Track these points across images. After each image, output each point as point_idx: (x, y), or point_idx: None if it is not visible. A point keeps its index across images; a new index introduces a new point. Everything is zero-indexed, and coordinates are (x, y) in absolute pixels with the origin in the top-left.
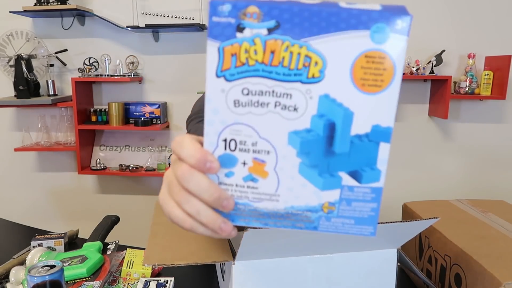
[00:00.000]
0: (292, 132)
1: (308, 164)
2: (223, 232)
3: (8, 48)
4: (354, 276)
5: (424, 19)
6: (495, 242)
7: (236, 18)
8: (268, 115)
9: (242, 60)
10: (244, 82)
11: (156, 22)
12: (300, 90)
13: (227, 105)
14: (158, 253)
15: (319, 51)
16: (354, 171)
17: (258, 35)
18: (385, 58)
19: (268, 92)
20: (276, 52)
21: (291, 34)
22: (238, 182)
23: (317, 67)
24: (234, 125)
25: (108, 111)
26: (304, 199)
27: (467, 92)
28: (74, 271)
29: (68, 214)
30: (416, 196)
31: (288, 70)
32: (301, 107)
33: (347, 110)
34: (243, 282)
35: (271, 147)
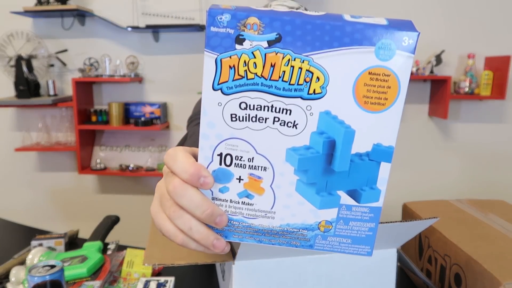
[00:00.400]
0: (290, 149)
1: (306, 182)
2: (215, 249)
3: (8, 48)
4: (354, 276)
5: (424, 19)
6: (495, 242)
7: (235, 29)
8: (266, 131)
9: (240, 73)
10: (242, 96)
11: (156, 22)
12: (300, 106)
13: (223, 119)
14: (158, 253)
15: (322, 66)
16: (353, 190)
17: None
18: (390, 76)
19: (267, 107)
20: (276, 66)
21: (292, 48)
22: (233, 198)
23: (318, 82)
24: (230, 140)
25: (108, 111)
26: (300, 217)
27: (467, 92)
28: (74, 271)
29: (68, 214)
30: (416, 196)
31: (288, 85)
32: (300, 124)
33: (348, 128)
34: (243, 282)
35: (268, 164)
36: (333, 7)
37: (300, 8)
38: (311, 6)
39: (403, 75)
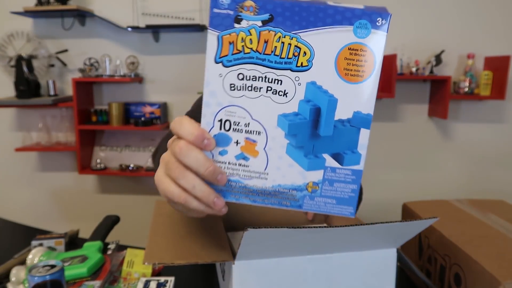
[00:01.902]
0: (281, 115)
1: (295, 145)
2: (215, 206)
3: (9, 48)
4: (354, 276)
5: (424, 19)
6: (495, 242)
7: (234, 11)
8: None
9: (238, 48)
10: (239, 68)
11: (157, 23)
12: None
13: (223, 88)
14: (158, 252)
15: (308, 42)
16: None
17: (253, 26)
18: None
19: (261, 78)
20: (269, 42)
21: (283, 27)
22: (231, 160)
23: (305, 56)
24: (229, 107)
25: (108, 111)
26: (290, 178)
27: (467, 92)
28: (75, 271)
29: (68, 214)
30: (416, 196)
31: (279, 59)
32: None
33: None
34: (243, 282)
35: (262, 128)
36: None
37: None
38: None
39: (378, 51)
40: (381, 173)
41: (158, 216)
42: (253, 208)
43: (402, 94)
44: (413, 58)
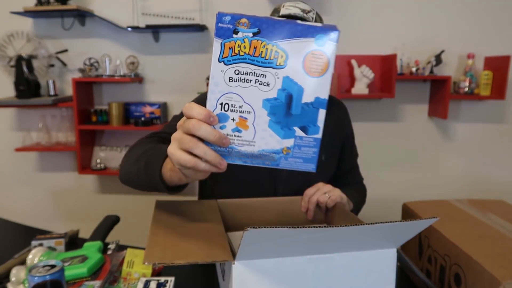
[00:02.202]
0: (265, 99)
1: (274, 121)
2: (221, 165)
3: (8, 48)
4: (354, 276)
5: (424, 19)
6: (495, 242)
7: (233, 25)
8: (251, 88)
9: (235, 51)
10: (236, 66)
11: (157, 23)
12: (271, 73)
13: (224, 80)
14: (159, 252)
15: (284, 48)
16: (303, 126)
17: (246, 36)
18: (323, 55)
19: (251, 73)
20: (257, 48)
21: (267, 37)
22: (229, 132)
23: (282, 58)
24: (228, 94)
25: (108, 111)
26: (271, 145)
27: (467, 92)
28: (75, 271)
29: (68, 214)
30: (416, 196)
31: (264, 60)
32: (271, 83)
33: (300, 87)
34: (243, 282)
35: (251, 109)
36: (332, 7)
37: (312, 11)
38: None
39: (331, 55)
40: (381, 173)
41: (158, 216)
42: (253, 208)
43: (402, 94)
44: (413, 58)
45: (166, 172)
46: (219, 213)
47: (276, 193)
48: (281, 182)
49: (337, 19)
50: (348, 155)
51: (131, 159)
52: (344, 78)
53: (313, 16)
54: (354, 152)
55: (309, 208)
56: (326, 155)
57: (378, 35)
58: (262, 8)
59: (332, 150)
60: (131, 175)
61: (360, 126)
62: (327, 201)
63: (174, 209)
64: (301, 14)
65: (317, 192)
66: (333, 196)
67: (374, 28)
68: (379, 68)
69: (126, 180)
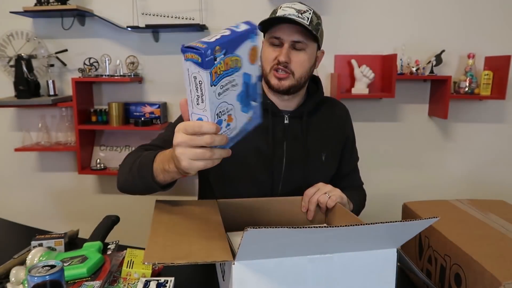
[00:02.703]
0: (237, 94)
1: (243, 106)
2: (229, 153)
3: (8, 48)
4: (354, 276)
5: (424, 19)
6: (495, 242)
7: (213, 55)
8: (230, 92)
9: (218, 73)
10: (220, 83)
11: (156, 22)
12: (237, 75)
13: (216, 97)
14: (159, 252)
15: (239, 54)
16: (255, 99)
17: (221, 59)
18: (256, 47)
19: (228, 82)
20: (228, 63)
21: (230, 52)
22: (224, 130)
23: (239, 62)
24: (220, 105)
25: (108, 111)
26: (243, 120)
27: (467, 92)
28: (74, 271)
29: (68, 214)
30: (416, 196)
31: (232, 69)
32: (238, 82)
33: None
34: (243, 282)
35: (232, 106)
36: (332, 7)
37: (308, 11)
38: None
39: (259, 44)
40: (381, 173)
41: (158, 216)
42: (253, 208)
43: (402, 94)
44: (413, 58)
45: (158, 175)
46: (219, 213)
47: (274, 193)
48: (279, 182)
49: (337, 19)
50: (348, 158)
51: (125, 170)
52: (344, 78)
53: (308, 16)
54: (354, 156)
55: (309, 208)
56: (326, 155)
57: (378, 35)
58: (262, 8)
59: (332, 150)
60: (127, 183)
61: (360, 126)
62: (327, 201)
63: (174, 209)
64: (295, 15)
65: (318, 192)
66: (333, 196)
67: (374, 28)
68: (379, 68)
69: (124, 188)
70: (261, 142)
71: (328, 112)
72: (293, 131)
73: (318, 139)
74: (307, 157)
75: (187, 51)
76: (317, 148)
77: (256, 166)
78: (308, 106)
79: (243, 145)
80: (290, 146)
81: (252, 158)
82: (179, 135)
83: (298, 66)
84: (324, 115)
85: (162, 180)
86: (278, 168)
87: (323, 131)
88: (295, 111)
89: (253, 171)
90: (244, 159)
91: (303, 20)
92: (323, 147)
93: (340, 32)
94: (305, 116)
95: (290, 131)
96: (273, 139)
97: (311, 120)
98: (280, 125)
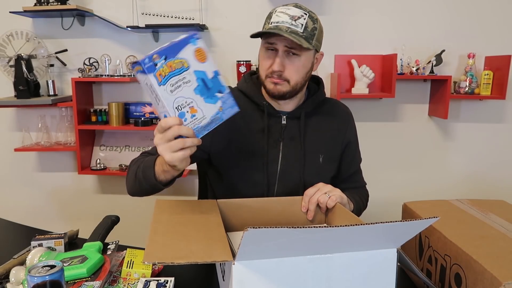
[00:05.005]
0: (194, 89)
1: (206, 97)
2: (199, 142)
3: (8, 48)
4: (354, 276)
5: (424, 19)
6: (495, 242)
7: (152, 62)
8: (184, 88)
9: (163, 75)
10: (169, 82)
11: (156, 22)
12: (186, 73)
13: (168, 94)
14: (159, 251)
15: (183, 57)
16: (219, 90)
17: (162, 63)
18: (201, 48)
19: (179, 80)
20: (172, 65)
21: (171, 57)
22: (190, 120)
23: (185, 63)
24: (176, 100)
25: (108, 111)
26: (213, 111)
27: (467, 92)
28: (74, 271)
29: (68, 214)
30: (416, 196)
31: (179, 69)
32: (191, 79)
33: (203, 71)
34: (243, 282)
35: (192, 99)
36: (331, 7)
37: (302, 16)
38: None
39: (205, 46)
40: (381, 173)
41: (158, 216)
42: (253, 208)
43: (402, 94)
44: (413, 58)
45: (159, 175)
46: (219, 213)
47: (270, 193)
48: (275, 182)
49: (337, 19)
50: (350, 162)
51: (131, 176)
52: (344, 78)
53: (303, 23)
54: (356, 158)
55: (309, 208)
56: (323, 157)
57: (378, 35)
58: (262, 7)
59: (331, 153)
60: (135, 188)
61: (360, 126)
62: (328, 201)
63: (174, 209)
64: (289, 22)
65: (318, 192)
66: (333, 196)
67: (374, 28)
68: (379, 68)
69: (133, 192)
70: (257, 142)
71: (328, 114)
72: (290, 132)
73: (316, 140)
74: (303, 158)
75: (134, 65)
76: (314, 149)
77: (251, 166)
78: (308, 106)
79: (240, 145)
80: (287, 146)
81: (248, 158)
82: (156, 136)
83: (293, 73)
84: (324, 116)
85: (164, 179)
86: (274, 168)
87: (322, 133)
88: (294, 112)
89: (248, 171)
90: (240, 159)
91: (297, 27)
92: (321, 149)
93: (340, 32)
94: (303, 117)
95: (287, 132)
96: (269, 139)
97: (309, 121)
98: (277, 126)
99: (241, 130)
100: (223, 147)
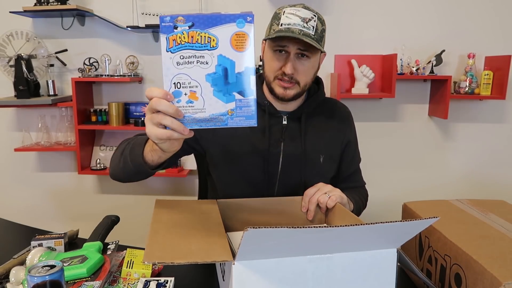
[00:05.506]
0: (207, 74)
1: (217, 90)
2: (185, 131)
3: (8, 48)
4: (354, 276)
5: (424, 19)
6: (495, 242)
7: (172, 23)
8: (194, 67)
9: (178, 42)
10: (180, 52)
11: (156, 22)
12: (208, 53)
13: (173, 64)
14: (158, 252)
15: (214, 33)
16: (240, 91)
17: (184, 29)
18: (245, 35)
19: (193, 56)
20: (194, 37)
21: (199, 28)
22: (184, 104)
23: (214, 41)
24: (178, 75)
25: (108, 111)
26: (218, 109)
27: (467, 92)
28: (74, 271)
29: (68, 214)
30: (416, 196)
31: (200, 44)
32: (209, 61)
33: (232, 61)
34: (243, 282)
35: (198, 84)
36: (332, 7)
37: (313, 18)
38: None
39: (251, 34)
40: (381, 173)
41: (158, 216)
42: (253, 208)
43: (402, 94)
44: (413, 58)
45: (147, 154)
46: (219, 213)
47: (270, 193)
48: (275, 182)
49: (338, 19)
50: (349, 161)
51: (117, 154)
52: (345, 78)
53: (313, 25)
54: (356, 158)
55: (309, 208)
56: (324, 157)
57: (378, 35)
58: (262, 7)
59: (331, 153)
60: (118, 167)
61: (360, 126)
62: (328, 201)
63: (174, 209)
64: (301, 25)
65: (318, 192)
66: (333, 196)
67: (374, 28)
68: (379, 68)
69: (115, 172)
70: (258, 142)
71: (328, 114)
72: (291, 132)
73: (316, 141)
74: (304, 158)
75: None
76: (315, 150)
77: (252, 166)
78: (308, 107)
79: (240, 145)
80: (287, 146)
81: (249, 158)
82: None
83: (303, 75)
84: (325, 116)
85: (150, 160)
86: (274, 168)
87: (323, 133)
88: (294, 112)
89: (249, 171)
90: (241, 159)
91: (309, 30)
92: (321, 149)
93: (340, 32)
94: (304, 117)
95: (288, 132)
96: (270, 139)
97: (310, 121)
98: (278, 126)
99: (242, 129)
100: (223, 146)
